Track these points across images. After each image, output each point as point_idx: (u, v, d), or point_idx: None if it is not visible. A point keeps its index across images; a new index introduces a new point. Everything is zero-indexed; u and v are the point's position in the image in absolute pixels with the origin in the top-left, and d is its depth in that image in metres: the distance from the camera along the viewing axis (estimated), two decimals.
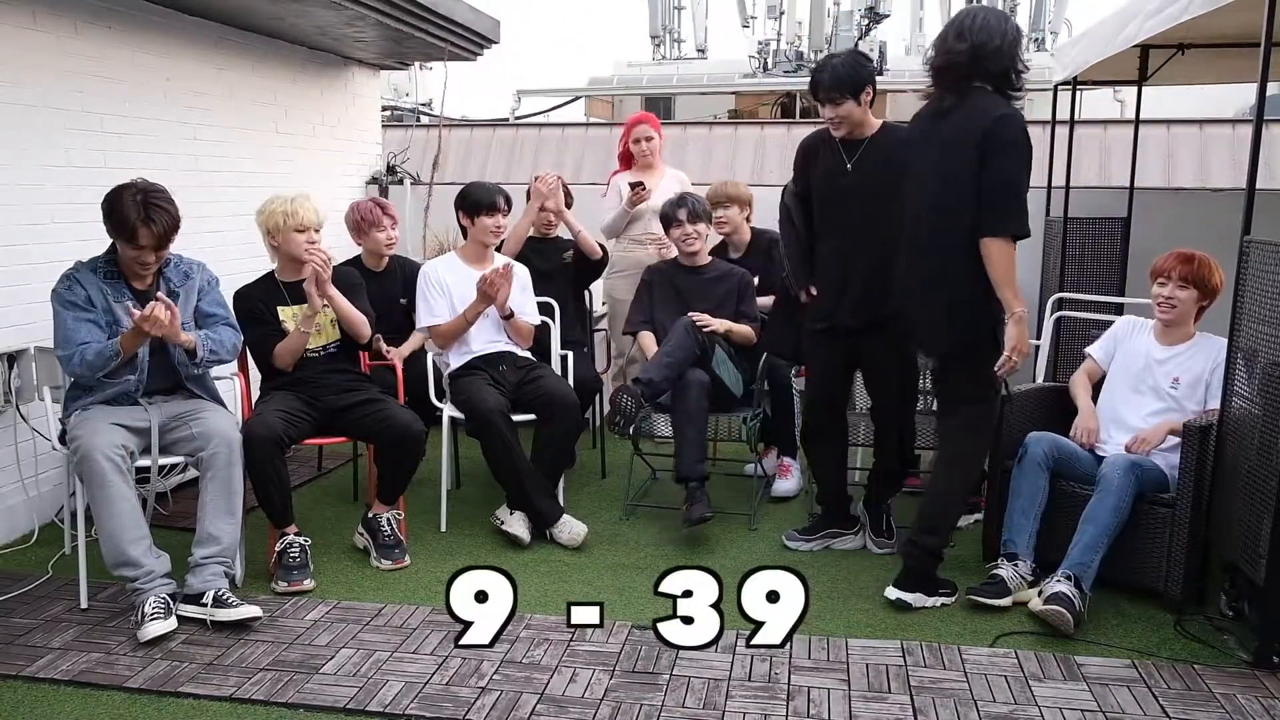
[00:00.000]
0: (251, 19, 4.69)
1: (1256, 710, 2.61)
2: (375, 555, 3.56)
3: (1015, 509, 3.33)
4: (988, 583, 3.23)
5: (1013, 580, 3.22)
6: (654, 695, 2.66)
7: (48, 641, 2.95)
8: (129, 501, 3.01)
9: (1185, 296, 3.36)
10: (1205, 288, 3.37)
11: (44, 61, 3.80)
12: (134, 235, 3.05)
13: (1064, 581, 3.05)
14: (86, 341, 3.08)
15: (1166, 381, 3.37)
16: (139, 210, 3.04)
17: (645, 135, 4.82)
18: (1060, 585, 3.04)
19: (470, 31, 5.51)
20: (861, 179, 3.38)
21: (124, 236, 3.08)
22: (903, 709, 2.61)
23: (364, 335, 3.69)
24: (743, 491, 4.34)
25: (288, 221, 3.54)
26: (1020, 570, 3.24)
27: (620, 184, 4.78)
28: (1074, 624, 2.97)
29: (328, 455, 4.79)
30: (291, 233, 3.55)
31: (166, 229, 3.09)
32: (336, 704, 2.61)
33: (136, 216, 3.03)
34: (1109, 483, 3.15)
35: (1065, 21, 16.84)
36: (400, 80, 13.77)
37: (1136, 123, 5.39)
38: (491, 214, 3.99)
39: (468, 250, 4.11)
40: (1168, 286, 3.39)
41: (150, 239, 3.07)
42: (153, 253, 3.12)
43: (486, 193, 4.02)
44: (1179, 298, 3.37)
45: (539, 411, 3.83)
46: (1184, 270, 3.36)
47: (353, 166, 6.10)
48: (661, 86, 14.86)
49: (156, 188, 3.12)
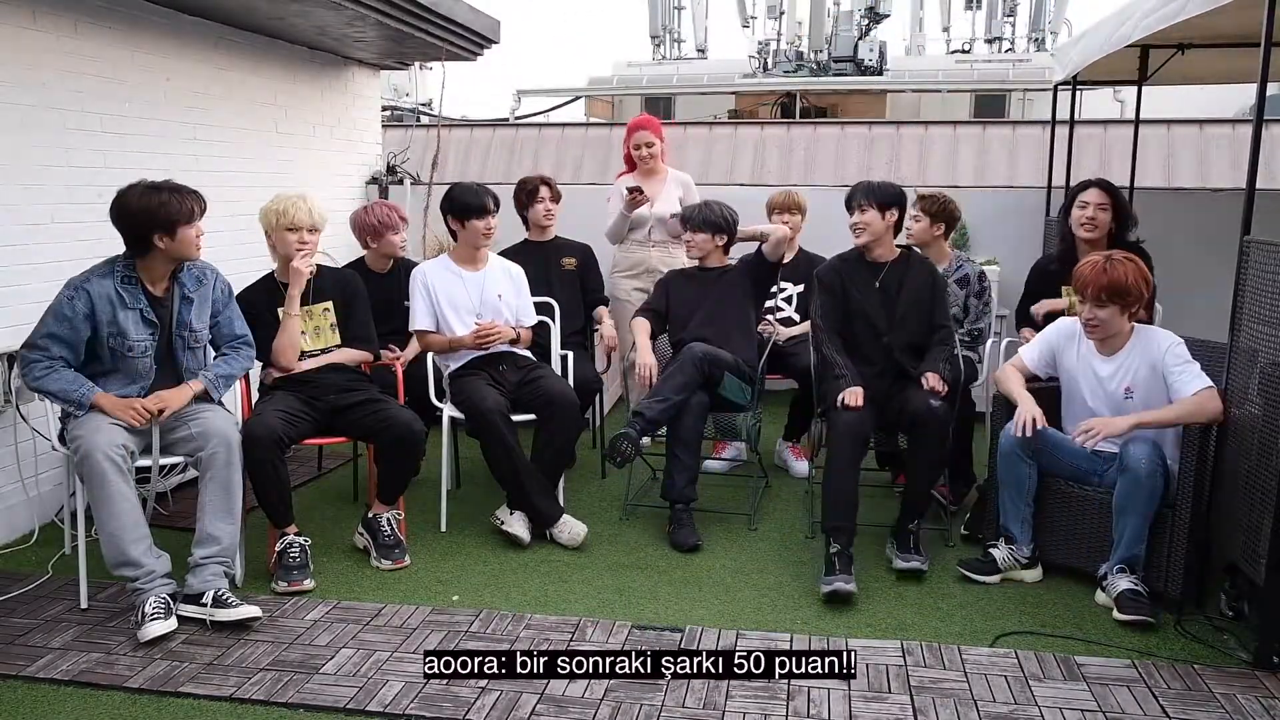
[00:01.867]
0: (251, 19, 4.69)
1: (1256, 710, 2.61)
2: (375, 555, 3.56)
3: (1005, 497, 3.40)
4: (979, 559, 3.41)
5: (1004, 561, 3.36)
6: (654, 695, 2.66)
7: (48, 641, 2.95)
8: (129, 501, 3.01)
9: (1106, 315, 3.19)
10: (1126, 299, 3.16)
11: (44, 61, 3.80)
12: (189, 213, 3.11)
13: (1123, 576, 3.12)
14: (60, 357, 3.06)
15: (1120, 394, 3.27)
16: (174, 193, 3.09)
17: (646, 142, 4.83)
18: (1123, 582, 3.10)
19: (470, 31, 5.51)
20: None
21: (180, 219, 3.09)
22: (903, 709, 2.61)
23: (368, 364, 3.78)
24: (743, 491, 4.35)
25: (279, 220, 3.56)
26: (1016, 553, 3.36)
27: (621, 188, 4.78)
28: (1154, 613, 3.04)
29: (328, 455, 4.79)
30: (283, 232, 3.56)
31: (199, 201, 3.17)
32: (336, 704, 2.61)
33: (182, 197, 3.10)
34: (1137, 469, 3.10)
35: (1065, 21, 16.87)
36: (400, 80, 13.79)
37: (1136, 123, 5.39)
38: (481, 216, 3.94)
39: (459, 253, 4.06)
40: (1087, 306, 3.22)
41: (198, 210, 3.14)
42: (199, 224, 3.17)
43: (474, 195, 3.95)
44: (1099, 317, 3.20)
45: (539, 411, 3.82)
46: (1097, 289, 3.15)
47: (353, 166, 6.10)
48: (661, 86, 14.88)
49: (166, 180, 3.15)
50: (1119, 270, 3.14)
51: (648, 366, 3.98)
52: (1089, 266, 3.20)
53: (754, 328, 4.21)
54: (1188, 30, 3.86)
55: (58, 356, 3.06)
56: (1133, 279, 3.15)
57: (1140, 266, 3.19)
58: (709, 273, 4.22)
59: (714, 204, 4.22)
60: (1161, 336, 3.24)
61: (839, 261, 3.84)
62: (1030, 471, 3.34)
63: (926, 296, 3.73)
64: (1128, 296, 3.16)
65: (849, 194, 3.72)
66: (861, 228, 3.68)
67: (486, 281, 4.02)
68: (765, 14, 16.68)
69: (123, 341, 3.12)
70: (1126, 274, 3.14)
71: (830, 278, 3.80)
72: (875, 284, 3.72)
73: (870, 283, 3.73)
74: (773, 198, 4.76)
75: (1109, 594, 3.15)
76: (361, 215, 4.38)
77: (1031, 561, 3.39)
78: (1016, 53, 16.37)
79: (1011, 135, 7.07)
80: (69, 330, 3.06)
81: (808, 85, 14.05)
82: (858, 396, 3.51)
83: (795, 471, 4.61)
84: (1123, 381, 3.26)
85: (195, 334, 3.27)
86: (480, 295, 3.99)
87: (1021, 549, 3.38)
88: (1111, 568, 3.17)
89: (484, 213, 3.94)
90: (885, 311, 3.70)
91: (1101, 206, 3.87)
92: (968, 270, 4.25)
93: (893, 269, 3.74)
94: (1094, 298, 3.18)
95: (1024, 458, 3.32)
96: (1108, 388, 3.29)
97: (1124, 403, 3.25)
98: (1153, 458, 3.11)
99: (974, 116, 12.73)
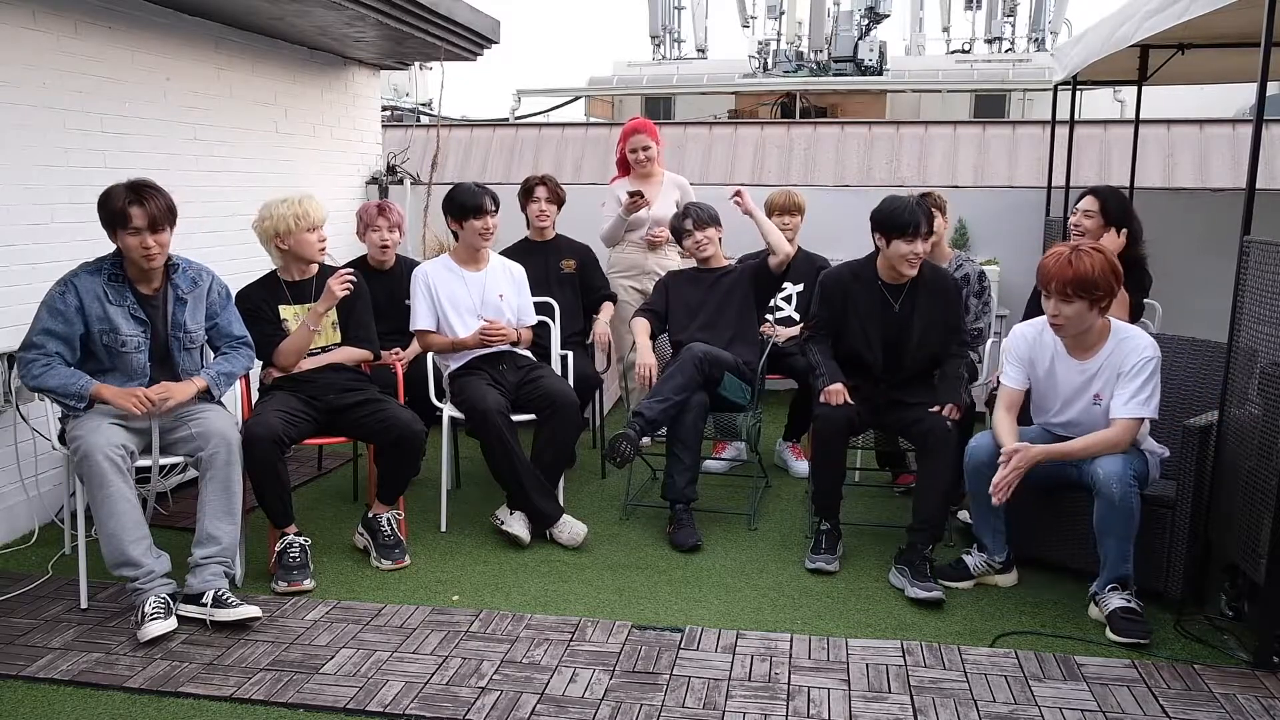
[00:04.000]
0: (252, 19, 4.69)
1: (1256, 710, 2.61)
2: (375, 555, 3.56)
3: (975, 509, 3.37)
4: (951, 566, 3.41)
5: (977, 567, 3.38)
6: (654, 695, 2.66)
7: (48, 641, 2.95)
8: (129, 501, 3.01)
9: (1072, 312, 3.00)
10: (1094, 294, 2.97)
11: (44, 61, 3.80)
12: (125, 217, 3.03)
13: (1114, 594, 3.06)
14: (56, 353, 3.05)
15: (1089, 400, 3.14)
16: (129, 194, 3.05)
17: (642, 145, 4.82)
18: (1115, 600, 3.05)
19: (470, 31, 5.52)
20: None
21: (117, 221, 3.05)
22: (903, 709, 2.61)
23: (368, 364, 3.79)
24: (743, 491, 4.35)
25: (299, 223, 3.54)
26: (990, 560, 3.37)
27: (619, 191, 4.77)
28: (1147, 632, 2.98)
29: (328, 455, 4.79)
30: (304, 234, 3.56)
31: (160, 211, 3.07)
32: (336, 704, 2.61)
33: (125, 199, 3.03)
34: (1110, 494, 2.97)
35: (1065, 21, 16.88)
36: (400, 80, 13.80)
37: (1136, 123, 5.40)
38: (479, 216, 3.92)
39: (459, 253, 4.05)
40: (1051, 301, 3.03)
41: (143, 218, 3.04)
42: (150, 235, 3.07)
43: (472, 195, 3.93)
44: (1065, 313, 3.01)
45: (539, 411, 3.82)
46: (1063, 283, 2.96)
47: (353, 166, 6.11)
48: (661, 86, 14.89)
49: (145, 180, 3.13)
50: (1085, 262, 2.95)
51: (648, 366, 3.98)
52: (1053, 259, 3.01)
53: (754, 330, 4.21)
54: (1188, 30, 3.86)
55: (54, 353, 3.06)
56: (1100, 271, 2.95)
57: (1108, 257, 3.00)
58: (710, 274, 4.22)
59: (694, 204, 4.31)
60: (1137, 345, 3.06)
61: (849, 276, 3.70)
62: None
63: (939, 318, 3.63)
64: (1095, 290, 2.96)
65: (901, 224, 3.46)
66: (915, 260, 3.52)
67: (488, 281, 4.02)
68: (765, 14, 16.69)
69: (115, 337, 3.12)
70: (1093, 266, 2.94)
71: (833, 291, 3.72)
72: (889, 310, 3.62)
73: (877, 310, 3.63)
74: (772, 198, 4.77)
75: (1101, 611, 3.09)
76: (361, 207, 4.49)
77: (1006, 566, 3.37)
78: (1016, 53, 16.38)
79: (1011, 135, 7.07)
80: (63, 324, 3.06)
81: (808, 85, 14.06)
82: (835, 395, 3.54)
83: (795, 471, 4.61)
84: (1094, 389, 3.12)
85: (190, 335, 3.27)
86: (481, 295, 3.99)
87: (995, 556, 3.35)
88: (1102, 586, 3.10)
89: (481, 213, 3.92)
90: (889, 341, 3.62)
91: (1088, 214, 3.73)
92: (968, 270, 4.25)
93: (908, 295, 3.62)
94: (1059, 292, 2.99)
95: (992, 472, 3.16)
96: (1080, 395, 3.17)
97: (1092, 408, 3.14)
98: (1124, 478, 2.97)
99: (974, 116, 12.75)
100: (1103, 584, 3.10)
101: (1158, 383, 3.06)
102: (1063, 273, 2.97)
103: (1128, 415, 3.03)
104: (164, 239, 3.13)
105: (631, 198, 4.65)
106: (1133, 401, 3.02)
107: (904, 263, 3.52)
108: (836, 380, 3.59)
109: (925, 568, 3.32)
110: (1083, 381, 3.15)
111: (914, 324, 3.61)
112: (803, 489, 4.36)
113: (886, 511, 4.11)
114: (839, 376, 3.62)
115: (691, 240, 4.20)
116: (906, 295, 3.62)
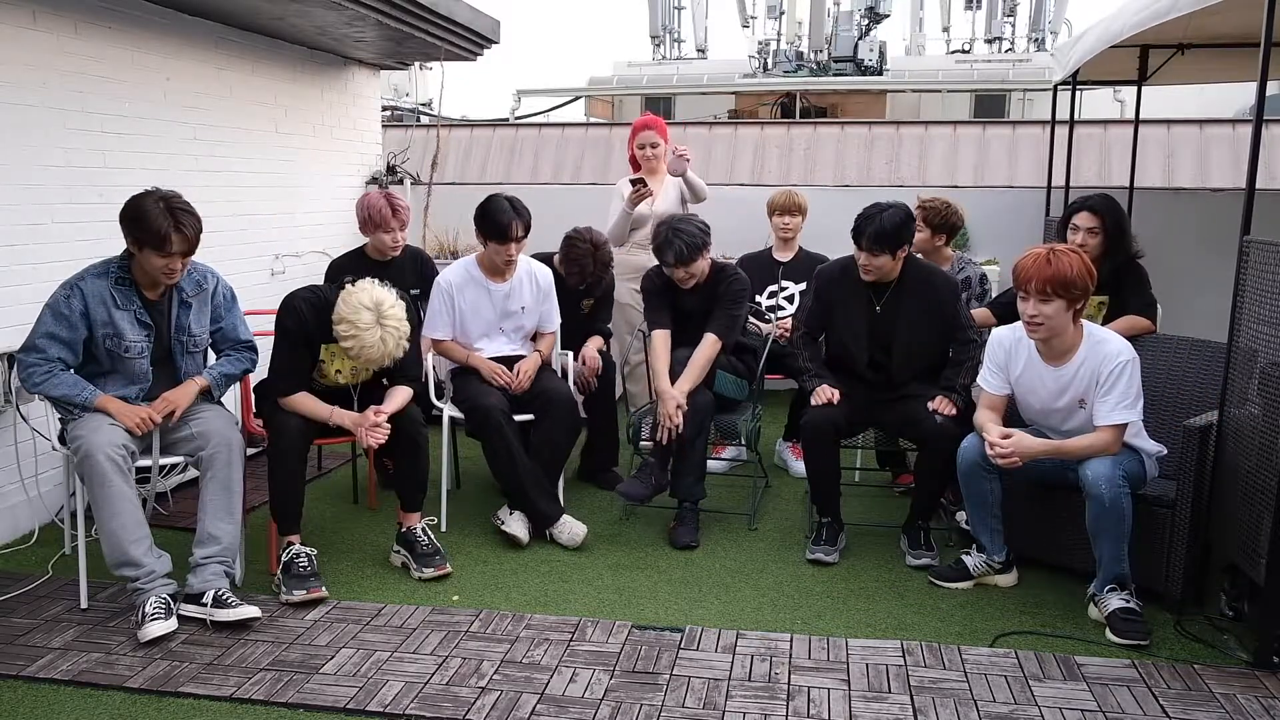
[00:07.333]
0: (251, 19, 4.69)
1: (1256, 710, 2.61)
2: (415, 566, 3.44)
3: (971, 510, 3.38)
4: (951, 566, 3.42)
5: (976, 567, 3.38)
6: (654, 695, 2.66)
7: (48, 641, 2.95)
8: (130, 501, 3.00)
9: (1052, 311, 2.99)
10: (1071, 294, 2.98)
11: (44, 61, 3.79)
12: (164, 242, 2.98)
13: (1114, 594, 3.07)
14: (58, 358, 3.04)
15: (1074, 404, 3.16)
16: (168, 217, 2.98)
17: (651, 143, 4.84)
18: (1114, 601, 3.05)
19: (470, 31, 5.51)
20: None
21: (153, 245, 2.99)
22: (903, 709, 2.61)
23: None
24: (743, 491, 4.35)
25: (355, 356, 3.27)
26: (989, 560, 3.37)
27: (621, 185, 4.77)
28: (1147, 632, 2.98)
29: (328, 455, 4.79)
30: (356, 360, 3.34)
31: (195, 234, 3.05)
32: (336, 704, 2.61)
33: (167, 224, 2.97)
34: (1099, 495, 2.99)
35: (1065, 21, 16.86)
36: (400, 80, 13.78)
37: (1136, 123, 5.39)
38: (504, 243, 3.81)
39: (485, 261, 3.98)
40: (1029, 302, 3.02)
41: (182, 244, 3.02)
42: (180, 259, 3.06)
43: (503, 217, 3.77)
44: (1044, 313, 3.01)
45: (536, 411, 3.82)
46: (1041, 282, 2.97)
47: (353, 166, 6.11)
48: (661, 86, 14.87)
49: (175, 194, 3.08)
50: (1063, 262, 2.97)
51: (678, 410, 3.65)
52: (1030, 259, 3.02)
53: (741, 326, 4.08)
54: (1187, 30, 3.86)
55: (56, 358, 3.05)
56: (1077, 271, 2.96)
57: (1084, 259, 3.02)
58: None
59: (681, 226, 3.79)
60: (1112, 350, 3.06)
61: (839, 273, 3.74)
62: (993, 485, 3.27)
63: (926, 318, 3.62)
64: (1073, 290, 2.97)
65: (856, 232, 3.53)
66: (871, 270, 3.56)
67: (511, 293, 4.00)
68: (765, 14, 16.67)
69: (119, 342, 3.11)
70: (1071, 266, 2.96)
71: (824, 286, 3.78)
72: (871, 309, 3.64)
73: (861, 309, 3.65)
74: (773, 198, 4.77)
75: (1101, 611, 3.10)
76: (361, 200, 4.20)
77: (1006, 566, 3.38)
78: (1016, 53, 16.36)
79: (1011, 135, 7.06)
80: (67, 329, 3.05)
81: (808, 85, 14.04)
82: (822, 396, 3.59)
83: (795, 471, 4.61)
84: (1075, 395, 3.14)
85: (194, 338, 3.26)
86: (503, 307, 3.99)
87: (994, 556, 3.36)
88: (1100, 587, 3.11)
89: (505, 239, 3.81)
90: (873, 341, 3.65)
91: (1092, 231, 3.71)
92: (969, 272, 4.26)
93: (892, 295, 3.63)
94: (1038, 291, 2.99)
95: (985, 472, 3.23)
96: (1059, 399, 3.17)
97: (1078, 411, 3.16)
98: (1113, 479, 2.98)
99: (974, 116, 12.74)
100: (1100, 585, 3.11)
101: (1139, 384, 3.08)
102: (1041, 272, 2.98)
103: (1115, 422, 3.05)
104: (189, 261, 3.13)
105: (635, 187, 4.64)
106: (1118, 408, 3.05)
107: (861, 269, 3.60)
108: (824, 382, 3.65)
109: (919, 536, 3.62)
110: (1058, 389, 3.17)
111: (898, 324, 3.63)
112: (803, 489, 4.35)
113: (886, 511, 4.11)
114: (827, 378, 3.67)
115: (674, 276, 3.87)
116: (890, 296, 3.64)
